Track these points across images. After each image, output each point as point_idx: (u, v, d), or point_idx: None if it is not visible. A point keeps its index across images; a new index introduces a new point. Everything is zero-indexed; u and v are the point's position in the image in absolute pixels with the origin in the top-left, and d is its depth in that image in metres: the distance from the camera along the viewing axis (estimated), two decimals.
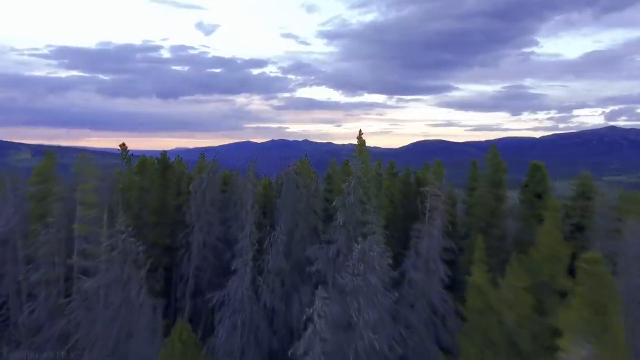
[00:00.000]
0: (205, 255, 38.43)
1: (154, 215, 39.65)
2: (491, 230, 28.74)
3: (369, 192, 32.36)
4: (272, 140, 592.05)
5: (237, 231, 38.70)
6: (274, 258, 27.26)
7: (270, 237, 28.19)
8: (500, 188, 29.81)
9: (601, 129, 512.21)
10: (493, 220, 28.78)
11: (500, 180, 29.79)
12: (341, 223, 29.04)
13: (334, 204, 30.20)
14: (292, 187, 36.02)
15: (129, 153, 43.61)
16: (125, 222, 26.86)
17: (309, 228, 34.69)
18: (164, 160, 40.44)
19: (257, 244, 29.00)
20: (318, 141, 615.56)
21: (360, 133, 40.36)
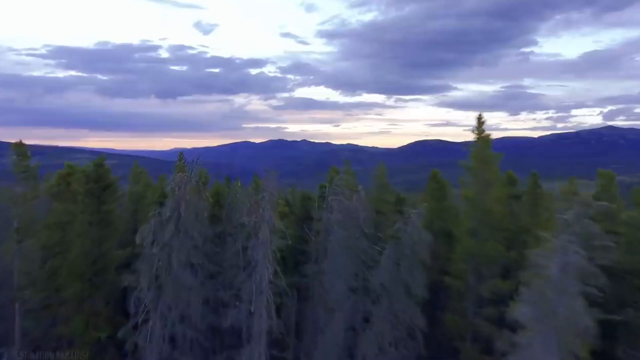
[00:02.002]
0: None
1: (78, 281, 19.77)
2: None
3: None
4: (271, 140, 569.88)
5: (241, 313, 19.16)
6: None
7: None
8: None
9: (600, 128, 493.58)
10: None
11: None
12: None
13: (524, 292, 10.31)
14: (360, 247, 16.25)
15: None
16: None
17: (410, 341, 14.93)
18: (99, 173, 20.41)
19: None
20: (317, 141, 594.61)
21: (481, 121, 20.52)
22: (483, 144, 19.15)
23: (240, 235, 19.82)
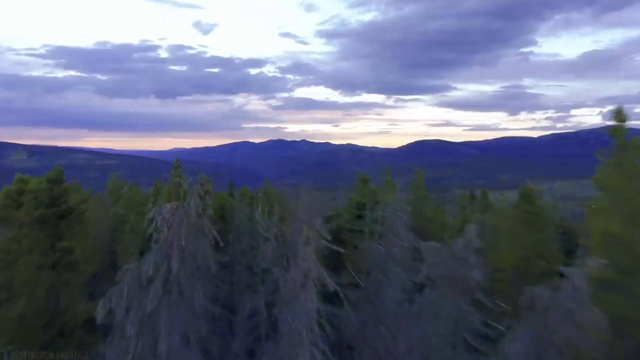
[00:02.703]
0: None
1: (22, 354, 12.99)
2: None
3: None
4: (271, 140, 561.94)
5: None
6: None
7: None
8: None
9: (599, 128, 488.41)
10: None
11: None
12: None
13: None
14: (465, 322, 9.63)
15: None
16: None
17: None
18: (55, 194, 13.69)
19: None
20: (316, 141, 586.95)
21: (621, 117, 13.75)
22: (629, 152, 12.54)
23: (262, 285, 13.20)
